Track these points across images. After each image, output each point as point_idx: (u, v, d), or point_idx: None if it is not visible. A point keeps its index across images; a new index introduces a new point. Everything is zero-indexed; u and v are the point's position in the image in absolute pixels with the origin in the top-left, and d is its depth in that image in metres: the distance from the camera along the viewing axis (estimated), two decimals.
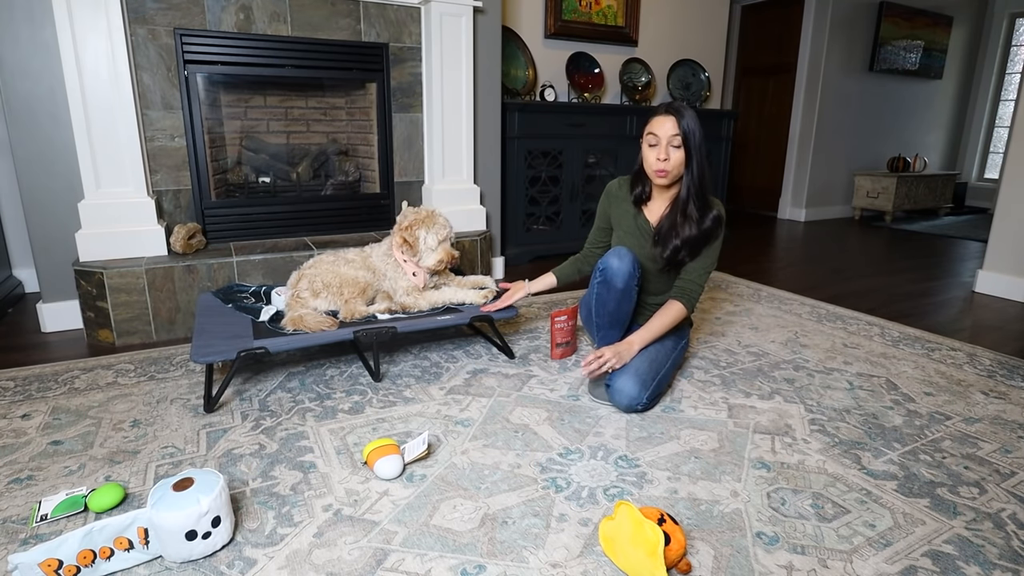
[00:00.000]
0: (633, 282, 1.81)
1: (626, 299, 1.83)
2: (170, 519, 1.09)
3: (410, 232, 2.11)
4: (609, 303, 1.83)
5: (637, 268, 1.81)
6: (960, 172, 6.69)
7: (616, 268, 1.79)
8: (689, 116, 1.74)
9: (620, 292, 1.80)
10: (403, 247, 2.12)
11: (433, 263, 2.14)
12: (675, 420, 1.71)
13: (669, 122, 1.73)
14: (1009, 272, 3.07)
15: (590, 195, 3.88)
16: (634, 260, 1.80)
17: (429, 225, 2.13)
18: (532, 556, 1.16)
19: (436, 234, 2.13)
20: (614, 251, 1.82)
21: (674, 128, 1.73)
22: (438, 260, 2.14)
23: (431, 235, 2.13)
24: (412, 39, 2.88)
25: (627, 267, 1.79)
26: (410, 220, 2.14)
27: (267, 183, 2.96)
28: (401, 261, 2.15)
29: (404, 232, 2.12)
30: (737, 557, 1.17)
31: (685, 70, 4.60)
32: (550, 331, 2.11)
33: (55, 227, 2.34)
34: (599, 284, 1.83)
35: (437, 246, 2.14)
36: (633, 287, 1.82)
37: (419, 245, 2.12)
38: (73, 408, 1.75)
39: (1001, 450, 1.58)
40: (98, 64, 2.22)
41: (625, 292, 1.81)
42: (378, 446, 1.41)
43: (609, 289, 1.81)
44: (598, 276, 1.83)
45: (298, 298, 2.01)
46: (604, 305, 1.84)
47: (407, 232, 2.11)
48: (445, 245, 2.16)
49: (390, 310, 2.08)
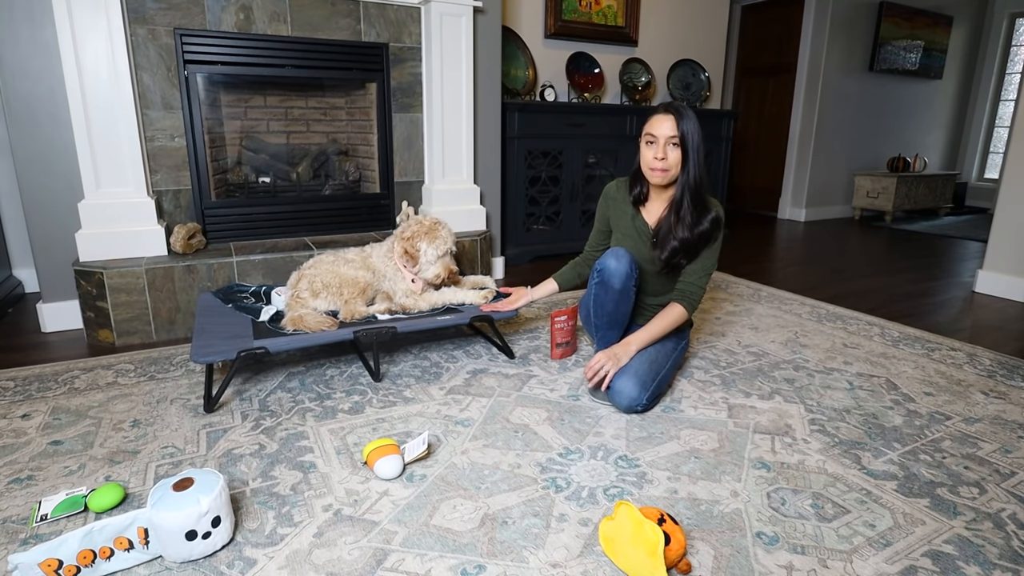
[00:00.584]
0: (631, 283, 1.81)
1: (624, 300, 1.83)
2: (170, 519, 1.09)
3: (411, 244, 2.13)
4: (607, 304, 1.83)
5: (635, 269, 1.81)
6: (960, 172, 6.69)
7: (613, 269, 1.79)
8: (688, 117, 1.73)
9: (618, 293, 1.81)
10: (404, 257, 2.14)
11: (431, 276, 2.16)
12: (675, 420, 1.71)
13: (668, 122, 1.73)
14: (1009, 272, 3.07)
15: (590, 195, 3.88)
16: (631, 261, 1.81)
17: (432, 239, 2.14)
18: (532, 556, 1.16)
19: (436, 249, 2.14)
20: (611, 252, 1.82)
21: (672, 128, 1.73)
22: (436, 275, 2.16)
23: (432, 249, 2.13)
24: (412, 39, 2.88)
25: (624, 268, 1.79)
26: (413, 231, 2.15)
27: (267, 183, 2.96)
28: (400, 267, 2.16)
29: (406, 243, 2.13)
30: (737, 557, 1.17)
31: (685, 70, 4.60)
32: (550, 331, 2.11)
33: (55, 227, 2.34)
34: (597, 285, 1.83)
35: (436, 260, 2.15)
36: (631, 288, 1.82)
37: (420, 258, 2.13)
38: (73, 408, 1.75)
39: (1001, 450, 1.58)
40: (98, 64, 2.22)
41: (623, 293, 1.81)
42: (378, 446, 1.41)
43: (607, 290, 1.81)
44: (596, 277, 1.83)
45: (298, 298, 2.02)
46: (602, 306, 1.84)
47: (408, 243, 2.13)
48: (445, 260, 2.17)
49: (390, 310, 2.08)
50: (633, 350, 1.77)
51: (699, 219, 1.80)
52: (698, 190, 1.79)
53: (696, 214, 1.80)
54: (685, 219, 1.80)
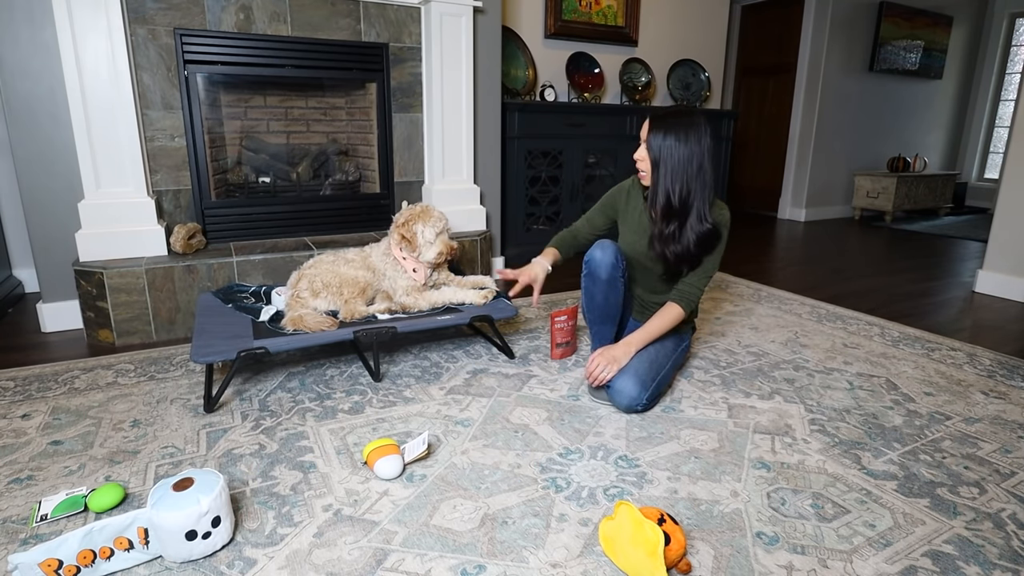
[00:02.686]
0: (617, 272, 1.83)
1: (612, 290, 1.85)
2: (170, 519, 1.09)
3: (407, 228, 2.13)
4: (596, 295, 1.86)
5: (620, 259, 1.83)
6: (960, 172, 6.68)
7: (599, 259, 1.82)
8: (666, 131, 1.69)
9: (605, 283, 1.83)
10: (402, 243, 2.14)
11: (433, 256, 2.16)
12: (675, 420, 1.71)
13: (645, 127, 1.76)
14: (1009, 272, 3.07)
15: (590, 195, 3.88)
16: (617, 251, 1.83)
17: (425, 219, 2.14)
18: (532, 556, 1.16)
19: (433, 227, 2.14)
20: (598, 243, 1.85)
21: (644, 134, 1.75)
22: (437, 253, 2.16)
23: (428, 229, 2.14)
24: (412, 39, 2.88)
25: (609, 258, 1.81)
26: (406, 216, 2.16)
27: (267, 183, 2.96)
28: (400, 259, 2.16)
29: (401, 228, 2.14)
30: (737, 557, 1.17)
31: (685, 70, 4.60)
32: (550, 331, 2.11)
33: (55, 227, 2.34)
34: (585, 277, 1.87)
35: (435, 239, 2.15)
36: (618, 278, 1.84)
37: (417, 239, 2.13)
38: (73, 408, 1.75)
39: (1001, 450, 1.58)
40: (98, 64, 2.22)
41: (610, 283, 1.83)
42: (378, 446, 1.41)
43: (594, 281, 1.84)
44: (584, 269, 1.86)
45: (298, 298, 2.02)
46: (592, 298, 1.88)
47: (404, 228, 2.13)
48: (443, 237, 2.17)
49: (390, 310, 2.08)
50: (633, 350, 1.77)
51: (676, 233, 1.72)
52: (668, 205, 1.70)
53: (673, 229, 1.72)
54: (663, 232, 1.74)
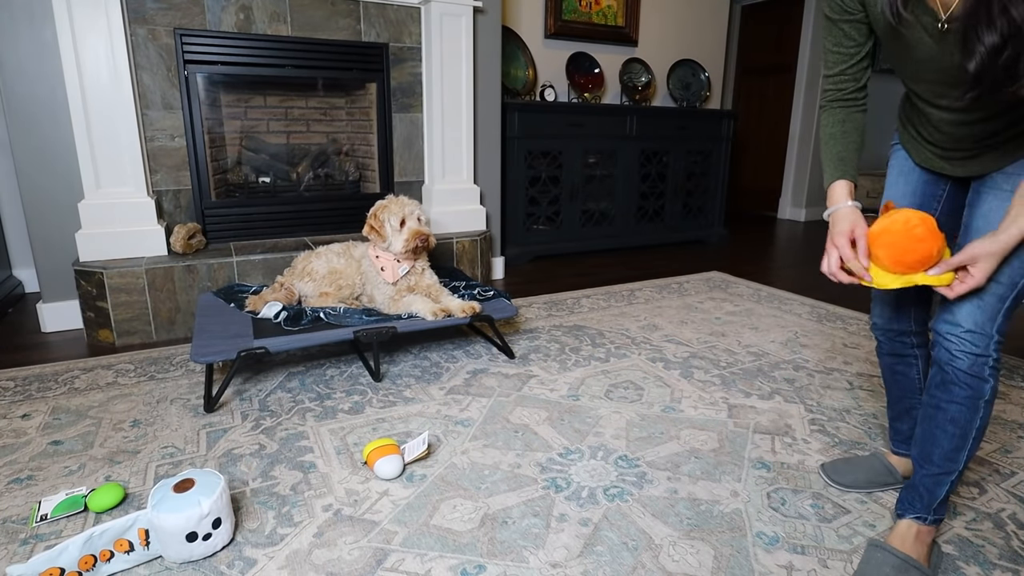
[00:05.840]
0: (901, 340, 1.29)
1: (901, 371, 1.33)
2: (171, 521, 1.09)
3: (375, 218, 2.16)
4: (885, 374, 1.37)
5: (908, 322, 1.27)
6: None
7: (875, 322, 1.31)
8: None
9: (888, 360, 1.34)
10: (371, 234, 2.16)
11: (401, 246, 2.14)
12: (675, 420, 1.71)
13: None
14: None
15: (590, 195, 3.88)
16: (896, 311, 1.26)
17: (393, 209, 2.16)
18: (532, 556, 1.16)
19: (396, 214, 2.14)
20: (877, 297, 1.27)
21: None
22: (405, 240, 2.13)
23: (394, 217, 2.14)
24: (412, 39, 2.88)
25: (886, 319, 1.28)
26: (375, 208, 2.19)
27: (267, 183, 2.96)
28: (373, 258, 2.18)
29: (370, 220, 2.17)
30: (737, 557, 1.17)
31: (685, 70, 4.60)
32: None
33: (55, 227, 2.34)
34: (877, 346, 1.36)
35: (402, 228, 2.14)
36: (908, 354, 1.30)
37: (385, 229, 2.14)
38: (73, 408, 1.75)
39: (1001, 450, 1.58)
40: (98, 64, 2.22)
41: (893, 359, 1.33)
42: (378, 446, 1.41)
43: (880, 355, 1.36)
44: None
45: (292, 271, 2.25)
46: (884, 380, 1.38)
47: (373, 219, 2.16)
48: (411, 224, 2.14)
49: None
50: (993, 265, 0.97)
51: None
52: None
53: None
54: None
